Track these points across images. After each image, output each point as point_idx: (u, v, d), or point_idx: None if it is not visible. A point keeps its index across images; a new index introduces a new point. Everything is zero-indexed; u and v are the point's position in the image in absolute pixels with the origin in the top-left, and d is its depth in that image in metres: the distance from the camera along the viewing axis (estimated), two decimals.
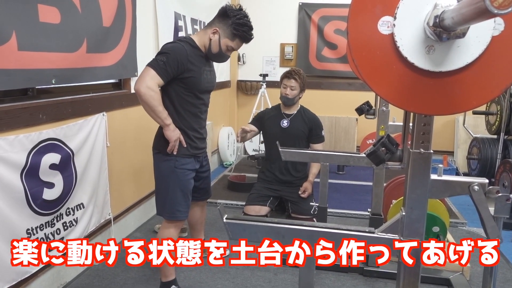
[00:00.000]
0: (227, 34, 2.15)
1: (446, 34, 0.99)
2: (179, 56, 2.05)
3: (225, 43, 2.17)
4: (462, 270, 2.51)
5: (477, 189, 1.20)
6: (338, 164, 4.65)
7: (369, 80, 1.07)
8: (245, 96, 5.76)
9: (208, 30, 2.18)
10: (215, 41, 2.16)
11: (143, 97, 1.98)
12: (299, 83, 3.26)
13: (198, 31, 2.25)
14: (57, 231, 2.22)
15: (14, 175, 1.89)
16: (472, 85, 1.04)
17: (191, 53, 2.11)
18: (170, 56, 2.02)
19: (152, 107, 2.01)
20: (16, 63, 1.87)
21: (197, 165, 2.27)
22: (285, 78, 3.30)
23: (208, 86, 2.26)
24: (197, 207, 2.55)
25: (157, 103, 2.01)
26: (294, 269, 2.57)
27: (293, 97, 3.29)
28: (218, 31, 2.15)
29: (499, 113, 4.07)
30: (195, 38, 2.19)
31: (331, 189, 3.48)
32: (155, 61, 2.02)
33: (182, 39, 2.18)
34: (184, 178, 2.18)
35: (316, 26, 5.45)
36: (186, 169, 2.18)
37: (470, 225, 3.35)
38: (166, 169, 2.16)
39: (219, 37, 2.15)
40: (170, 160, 2.15)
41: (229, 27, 2.14)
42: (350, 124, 5.45)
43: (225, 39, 2.16)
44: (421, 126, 1.21)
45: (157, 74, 1.99)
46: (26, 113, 2.00)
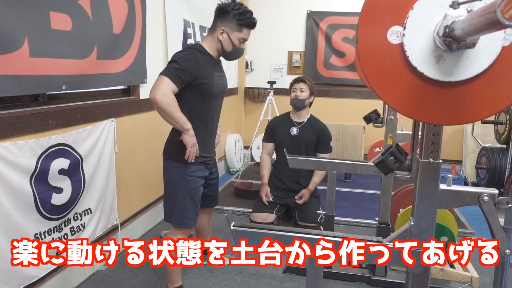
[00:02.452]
0: (233, 28, 2.16)
1: (456, 44, 0.99)
2: (191, 63, 2.06)
3: (236, 37, 2.17)
4: (471, 281, 2.48)
5: (487, 200, 1.19)
6: (346, 172, 4.63)
7: (378, 89, 1.07)
8: (253, 103, 5.77)
9: (214, 34, 2.19)
10: (226, 40, 2.17)
11: (160, 104, 1.97)
12: (308, 86, 3.30)
13: (205, 37, 2.26)
14: (65, 235, 2.23)
15: (24, 180, 1.91)
16: (482, 95, 1.04)
17: (202, 60, 2.12)
18: (182, 63, 2.03)
19: (170, 113, 2.00)
20: (28, 69, 1.90)
21: (206, 172, 2.28)
22: (295, 83, 3.35)
23: (221, 91, 2.27)
24: (204, 214, 2.55)
25: (175, 109, 2.01)
26: (301, 277, 2.56)
27: (304, 99, 3.30)
28: (224, 30, 2.16)
29: (508, 122, 4.04)
30: (205, 45, 2.21)
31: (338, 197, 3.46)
32: (167, 69, 2.03)
33: (192, 47, 2.20)
34: (193, 185, 2.18)
35: (324, 34, 5.46)
36: (196, 176, 2.19)
37: (478, 235, 3.31)
38: (176, 175, 2.16)
39: (228, 35, 2.16)
40: (180, 167, 2.15)
41: (233, 21, 2.15)
42: (357, 132, 5.44)
43: (234, 33, 2.17)
44: (430, 136, 1.20)
45: (171, 81, 1.99)
46: (36, 118, 2.03)
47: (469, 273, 2.53)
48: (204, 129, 2.22)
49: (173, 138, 2.20)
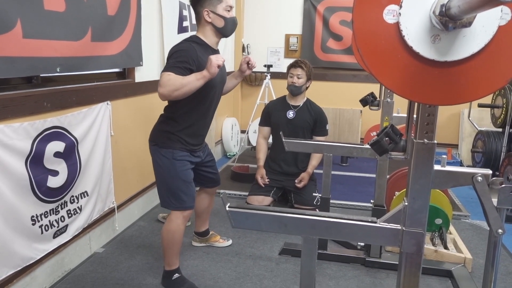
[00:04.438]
0: (214, 3, 2.12)
1: (452, 23, 0.98)
2: (189, 53, 2.03)
3: (221, 9, 2.13)
4: (464, 262, 2.52)
5: (481, 180, 1.20)
6: (342, 155, 4.64)
7: (374, 70, 1.06)
8: (249, 87, 5.74)
9: (201, 20, 2.16)
10: (215, 17, 2.13)
11: (172, 95, 1.93)
12: (305, 72, 3.27)
13: (198, 27, 2.22)
14: (61, 218, 2.24)
15: (19, 163, 1.91)
16: (478, 75, 1.04)
17: (200, 50, 2.09)
18: (180, 54, 2.01)
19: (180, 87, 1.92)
20: (21, 51, 1.87)
21: (195, 159, 2.28)
22: (292, 67, 3.31)
23: (219, 81, 2.23)
24: (205, 194, 2.58)
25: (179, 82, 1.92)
26: (296, 258, 2.59)
27: (301, 86, 3.29)
28: (208, 10, 2.12)
29: (504, 106, 4.05)
30: (200, 35, 2.18)
31: (334, 180, 3.48)
32: (167, 65, 2.01)
33: (188, 39, 2.17)
34: (183, 167, 2.19)
35: (322, 17, 5.41)
36: (185, 160, 2.20)
37: (473, 218, 3.35)
38: (165, 160, 2.17)
39: (213, 12, 2.12)
40: (168, 152, 2.16)
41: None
42: (354, 116, 5.44)
43: (217, 7, 2.12)
44: (425, 117, 1.20)
45: (173, 73, 1.94)
46: (31, 101, 2.01)
47: (463, 254, 2.56)
48: (200, 120, 2.22)
49: (160, 127, 2.22)
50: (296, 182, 3.31)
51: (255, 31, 5.58)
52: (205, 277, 2.39)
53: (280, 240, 2.85)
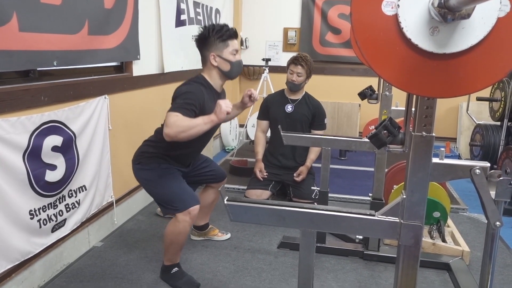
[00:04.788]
0: (220, 47, 2.16)
1: (451, 15, 0.97)
2: (197, 96, 2.05)
3: (227, 54, 2.17)
4: (462, 255, 2.53)
5: (479, 173, 1.20)
6: (340, 148, 4.64)
7: (372, 62, 1.06)
8: (248, 81, 5.72)
9: (208, 63, 2.20)
10: (221, 61, 2.18)
11: (178, 136, 1.90)
12: (305, 70, 3.24)
13: (203, 69, 2.26)
14: (60, 212, 2.24)
15: (17, 157, 1.90)
16: (476, 68, 1.03)
17: (206, 94, 2.13)
18: (189, 97, 2.02)
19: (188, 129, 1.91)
20: (17, 44, 1.86)
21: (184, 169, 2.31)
22: (292, 64, 3.26)
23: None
24: (212, 189, 2.61)
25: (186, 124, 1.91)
26: (294, 252, 2.60)
27: (300, 84, 3.28)
28: (214, 54, 2.16)
29: (503, 99, 4.05)
30: (206, 76, 2.22)
31: (332, 174, 3.48)
32: (175, 104, 1.99)
33: (197, 80, 2.18)
34: (169, 171, 2.21)
35: (320, 10, 5.39)
36: (172, 167, 2.23)
37: (471, 211, 3.36)
38: (153, 174, 2.20)
39: (220, 56, 2.17)
40: (153, 167, 2.20)
41: (216, 42, 2.15)
42: (352, 110, 5.43)
43: (223, 51, 2.17)
44: (423, 109, 1.20)
45: (181, 114, 1.92)
46: (28, 95, 2.00)
47: (460, 247, 2.57)
48: (192, 149, 2.25)
49: (145, 149, 2.27)
50: (294, 176, 3.31)
51: (253, 25, 5.55)
52: (204, 270, 2.40)
53: (279, 233, 2.86)
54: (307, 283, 1.40)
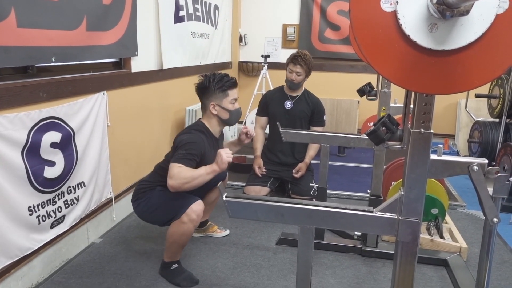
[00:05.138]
0: (220, 97, 2.24)
1: (449, 11, 0.97)
2: (199, 146, 2.13)
3: (227, 103, 2.26)
4: (460, 251, 2.54)
5: (477, 169, 1.20)
6: (339, 145, 4.66)
7: (371, 59, 1.06)
8: (247, 77, 5.72)
9: (207, 111, 2.28)
10: (220, 110, 2.26)
11: (182, 187, 1.98)
12: (304, 69, 3.23)
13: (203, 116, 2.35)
14: (59, 208, 2.24)
15: (15, 153, 1.90)
16: (475, 64, 1.03)
17: (207, 143, 2.19)
18: (193, 147, 2.08)
19: (190, 180, 1.98)
20: (16, 40, 1.86)
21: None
22: (291, 63, 3.25)
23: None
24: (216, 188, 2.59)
25: (191, 177, 1.98)
26: (293, 248, 2.61)
27: (299, 82, 3.28)
28: (214, 104, 2.25)
29: (501, 96, 4.05)
30: (206, 123, 2.30)
31: (331, 171, 3.48)
32: (178, 155, 2.04)
33: (198, 129, 2.25)
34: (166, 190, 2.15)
35: (319, 6, 5.38)
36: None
37: (469, 207, 3.37)
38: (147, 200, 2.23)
39: (219, 105, 2.25)
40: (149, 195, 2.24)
41: (216, 92, 2.23)
42: (351, 107, 5.44)
43: (223, 101, 2.25)
44: (422, 106, 1.20)
45: (184, 166, 2.01)
46: (26, 91, 2.00)
47: (458, 243, 2.58)
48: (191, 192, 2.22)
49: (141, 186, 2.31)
50: (293, 172, 3.32)
51: (252, 21, 5.55)
52: (203, 267, 2.41)
53: (277, 230, 2.86)
54: (306, 279, 1.41)
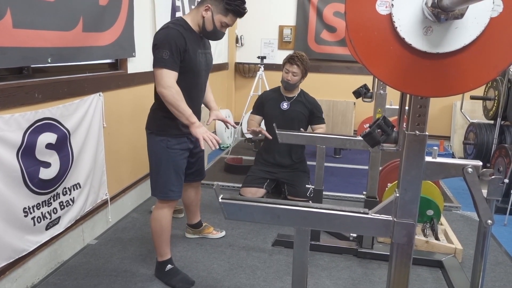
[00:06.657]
0: (219, 10, 2.09)
1: (444, 14, 0.98)
2: (177, 41, 2.02)
3: (218, 20, 2.11)
4: (455, 253, 2.55)
5: (471, 171, 1.21)
6: (335, 147, 4.66)
7: (366, 61, 1.06)
8: (243, 78, 5.72)
9: (200, 8, 2.12)
10: (209, 19, 2.10)
11: (167, 98, 2.00)
12: (301, 69, 3.23)
13: (191, 11, 2.21)
14: (54, 210, 2.23)
15: (10, 154, 1.89)
16: (469, 67, 1.04)
17: (187, 36, 2.07)
18: (170, 44, 2.00)
19: (176, 106, 2.01)
20: (11, 41, 1.85)
21: (191, 145, 2.27)
22: (288, 63, 3.25)
23: (204, 69, 2.23)
24: (191, 188, 2.57)
25: (179, 101, 2.01)
26: (289, 249, 2.61)
27: (295, 83, 3.28)
28: (210, 8, 2.08)
29: (496, 98, 4.07)
30: (188, 19, 2.15)
31: (327, 172, 3.49)
32: (159, 58, 2.00)
33: (175, 22, 2.12)
34: (176, 158, 2.19)
35: (316, 8, 5.39)
36: (179, 149, 2.19)
37: (464, 209, 3.39)
38: (159, 149, 2.17)
39: (212, 14, 2.09)
40: (163, 140, 2.16)
41: (221, 3, 2.08)
42: (347, 108, 5.45)
43: (218, 15, 2.10)
44: (417, 108, 1.21)
45: (169, 70, 1.99)
46: (22, 92, 1.99)
47: (453, 245, 2.59)
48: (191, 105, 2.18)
49: (154, 114, 2.21)
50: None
51: (248, 22, 5.54)
52: (199, 268, 2.40)
53: (273, 231, 2.86)
54: (301, 280, 1.41)
